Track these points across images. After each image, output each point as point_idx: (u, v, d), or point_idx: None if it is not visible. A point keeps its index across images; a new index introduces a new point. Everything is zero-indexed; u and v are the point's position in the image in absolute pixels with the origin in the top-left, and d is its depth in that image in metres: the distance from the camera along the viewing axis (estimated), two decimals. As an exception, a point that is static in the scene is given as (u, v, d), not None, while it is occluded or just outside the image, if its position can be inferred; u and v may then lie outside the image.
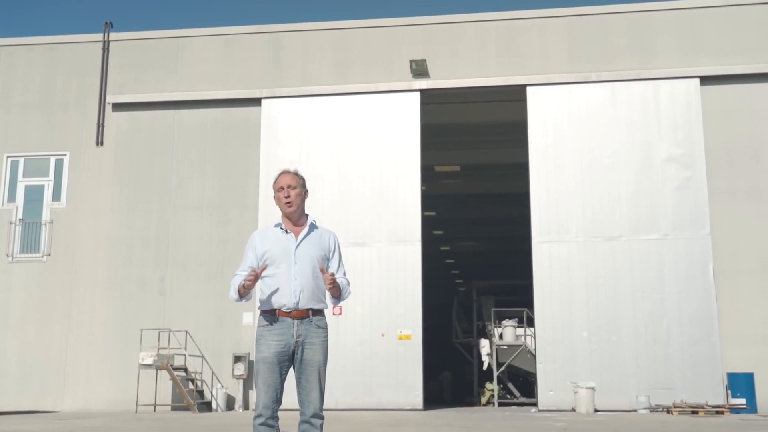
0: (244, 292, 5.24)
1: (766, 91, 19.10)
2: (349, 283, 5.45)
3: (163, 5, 65.06)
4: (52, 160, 21.03)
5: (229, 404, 19.12)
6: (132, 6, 63.20)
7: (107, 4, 57.75)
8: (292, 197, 5.32)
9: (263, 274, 5.25)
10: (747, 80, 19.14)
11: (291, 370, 5.25)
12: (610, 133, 19.35)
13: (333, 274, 5.24)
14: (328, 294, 5.35)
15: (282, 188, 5.34)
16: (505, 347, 22.51)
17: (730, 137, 19.01)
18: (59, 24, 63.34)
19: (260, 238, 5.37)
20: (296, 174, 5.42)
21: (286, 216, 5.38)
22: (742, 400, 17.23)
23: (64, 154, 21.01)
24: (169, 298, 19.88)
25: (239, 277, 5.27)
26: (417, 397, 18.58)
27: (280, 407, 5.18)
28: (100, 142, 20.93)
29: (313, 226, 5.42)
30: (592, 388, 17.46)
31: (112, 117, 21.06)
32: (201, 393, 19.23)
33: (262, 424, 5.09)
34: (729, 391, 17.55)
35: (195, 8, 64.43)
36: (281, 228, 5.36)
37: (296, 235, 5.33)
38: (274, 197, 5.43)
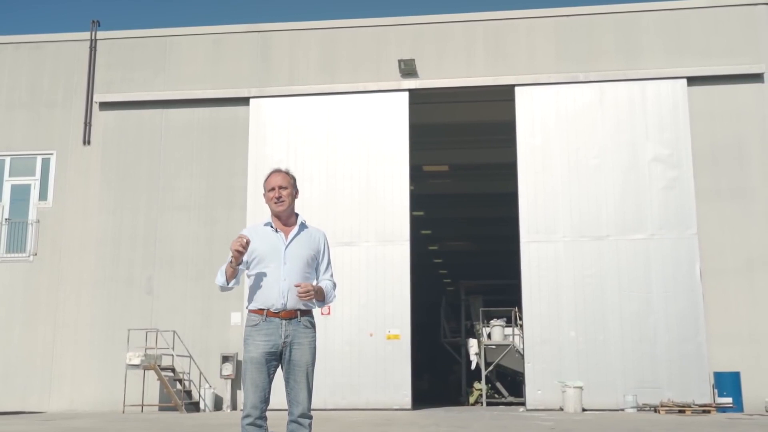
0: (232, 273, 5.18)
1: (752, 91, 19.24)
2: (335, 286, 5.43)
3: (152, 4, 64.82)
4: (39, 159, 20.91)
5: (217, 404, 19.07)
6: (120, 4, 62.92)
7: (95, 3, 57.48)
8: (284, 197, 5.31)
9: (250, 272, 5.23)
10: (732, 81, 19.26)
11: (279, 369, 5.25)
12: (597, 133, 19.43)
13: (308, 286, 5.12)
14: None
15: (273, 188, 5.32)
16: (493, 347, 22.56)
17: (716, 137, 19.12)
18: (46, 22, 62.99)
19: (249, 235, 5.33)
20: (287, 173, 5.41)
21: (276, 215, 5.37)
22: (729, 399, 17.33)
23: (51, 153, 20.89)
24: (156, 298, 19.81)
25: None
26: (405, 397, 18.60)
27: (268, 407, 5.17)
28: (87, 141, 20.83)
29: (303, 226, 5.41)
30: (580, 388, 17.53)
31: (99, 116, 20.96)
32: (189, 393, 19.17)
33: (250, 424, 5.08)
34: (715, 390, 17.66)
35: (183, 7, 64.23)
36: (271, 227, 5.35)
37: (286, 234, 5.32)
38: (264, 196, 5.41)
